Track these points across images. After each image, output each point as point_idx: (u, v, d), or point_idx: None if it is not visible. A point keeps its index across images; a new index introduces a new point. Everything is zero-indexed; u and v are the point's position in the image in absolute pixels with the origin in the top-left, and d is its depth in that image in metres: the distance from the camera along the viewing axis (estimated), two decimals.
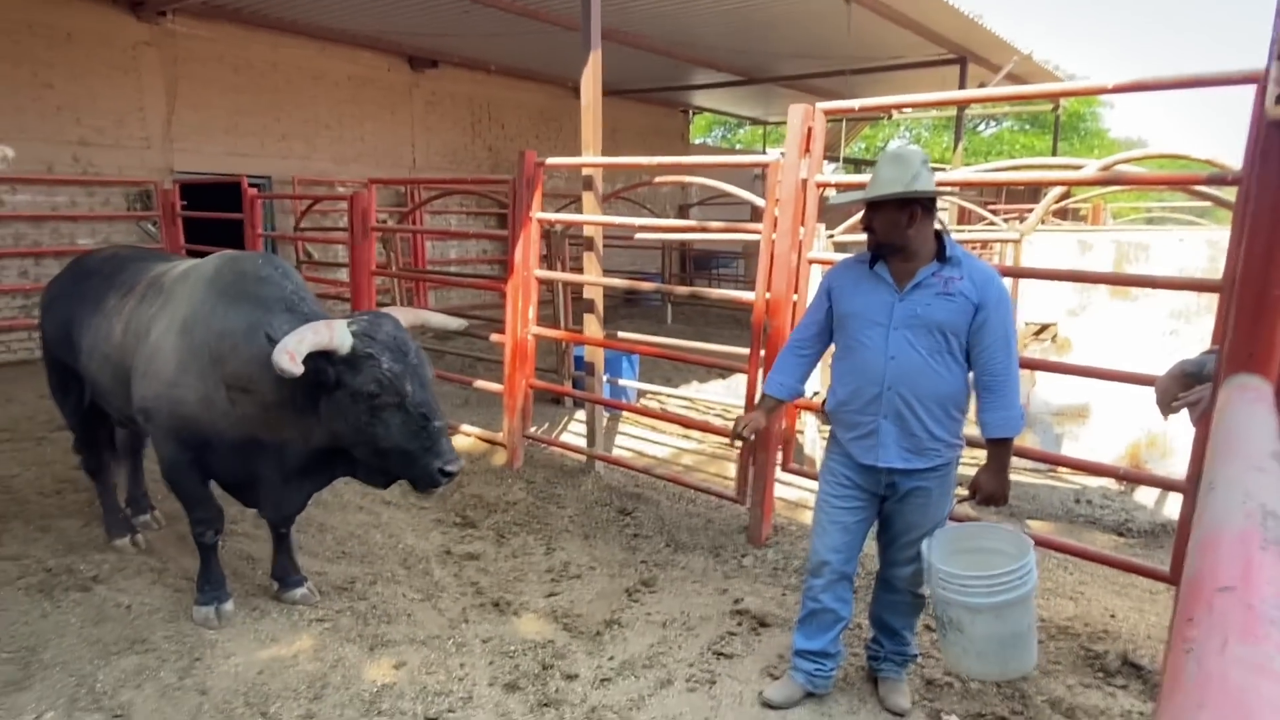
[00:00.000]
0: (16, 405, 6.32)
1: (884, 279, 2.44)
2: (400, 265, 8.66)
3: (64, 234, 8.16)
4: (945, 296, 2.35)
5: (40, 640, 2.99)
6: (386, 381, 2.58)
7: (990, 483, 2.44)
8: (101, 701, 2.65)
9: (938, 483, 2.48)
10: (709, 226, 4.16)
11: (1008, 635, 2.32)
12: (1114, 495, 4.64)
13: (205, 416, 2.89)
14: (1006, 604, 2.28)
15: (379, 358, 2.58)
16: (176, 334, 2.95)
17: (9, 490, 4.50)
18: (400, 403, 2.60)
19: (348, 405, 2.62)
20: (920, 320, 2.36)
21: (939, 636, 2.47)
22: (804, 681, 2.65)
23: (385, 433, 2.62)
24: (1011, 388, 2.37)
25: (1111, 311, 4.61)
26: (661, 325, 10.64)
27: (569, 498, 4.56)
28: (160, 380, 2.96)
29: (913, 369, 2.37)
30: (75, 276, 3.71)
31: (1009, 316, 2.39)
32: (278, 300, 2.88)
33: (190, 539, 3.44)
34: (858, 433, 2.50)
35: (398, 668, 2.88)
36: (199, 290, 3.00)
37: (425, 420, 2.63)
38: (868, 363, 2.43)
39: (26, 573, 3.51)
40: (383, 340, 2.63)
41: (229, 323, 2.85)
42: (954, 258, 2.38)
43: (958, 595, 2.30)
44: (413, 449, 2.63)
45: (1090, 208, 10.52)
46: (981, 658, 2.35)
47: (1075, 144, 25.57)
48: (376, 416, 2.61)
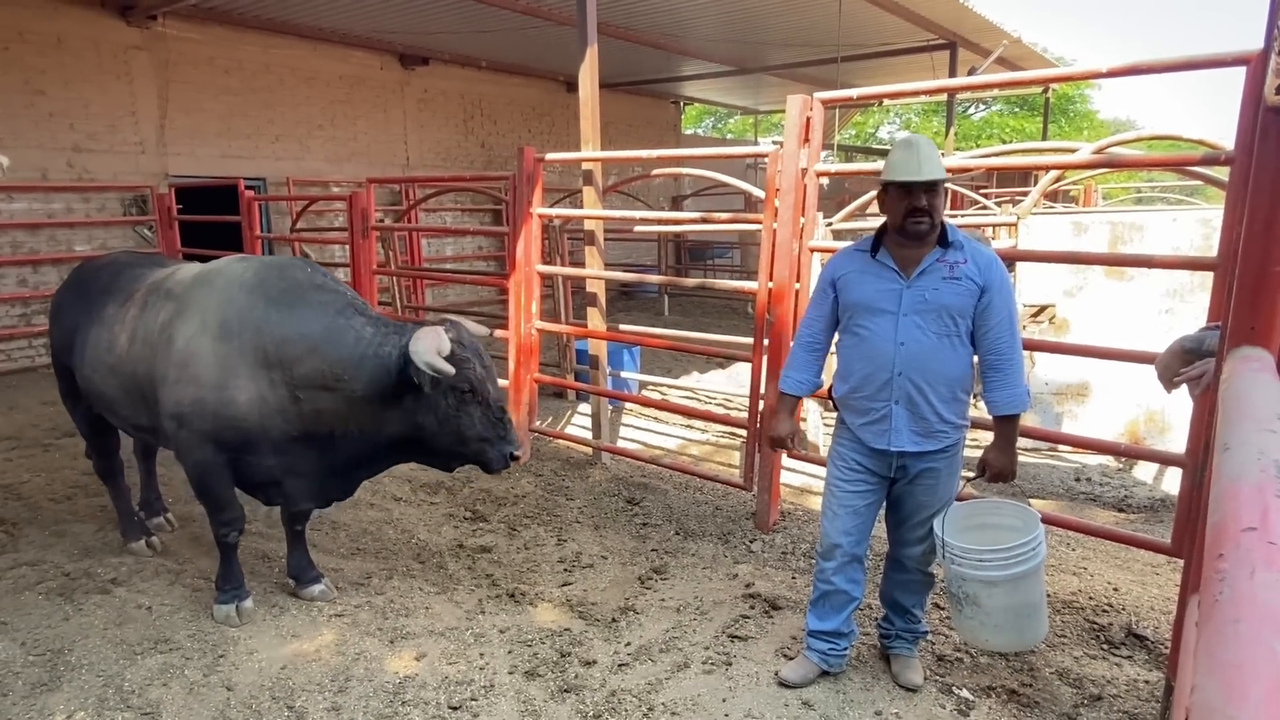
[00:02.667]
0: (20, 413, 6.34)
1: (889, 266, 2.47)
2: (398, 264, 8.67)
3: (61, 241, 8.16)
4: (952, 281, 2.40)
5: (65, 642, 3.03)
6: (478, 381, 2.94)
7: (999, 460, 2.49)
8: (130, 700, 2.70)
9: (946, 463, 2.54)
10: (712, 218, 4.21)
11: (1023, 606, 2.37)
12: (1113, 472, 4.72)
13: (254, 416, 2.98)
14: (1022, 575, 2.33)
15: (472, 361, 2.94)
16: (214, 339, 2.99)
17: (20, 497, 4.53)
18: (485, 399, 2.96)
19: (439, 400, 2.92)
20: (929, 305, 2.41)
21: (953, 613, 2.52)
22: (818, 661, 2.71)
23: (469, 424, 2.97)
24: (1016, 366, 2.42)
25: (1107, 291, 4.68)
26: (659, 317, 10.69)
27: (577, 489, 4.62)
28: (201, 384, 2.99)
29: (923, 354, 2.42)
30: (77, 285, 3.72)
31: (1011, 297, 2.45)
32: (347, 305, 3.10)
33: (203, 539, 3.50)
34: (869, 418, 2.54)
35: (419, 659, 2.93)
36: (238, 296, 3.05)
37: (502, 413, 3.03)
38: (878, 350, 2.47)
39: (45, 577, 3.55)
40: (469, 346, 2.98)
41: (297, 328, 2.98)
42: (956, 242, 2.43)
43: (974, 570, 2.34)
44: (490, 436, 3.00)
45: (1081, 189, 10.59)
46: (999, 630, 2.40)
47: (1064, 126, 25.63)
48: (464, 410, 2.95)
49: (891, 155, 2.48)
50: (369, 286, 5.93)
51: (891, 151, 2.49)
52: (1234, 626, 0.41)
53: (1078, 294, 4.76)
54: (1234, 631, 0.40)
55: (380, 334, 3.00)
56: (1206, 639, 0.43)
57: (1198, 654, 0.44)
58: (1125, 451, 3.81)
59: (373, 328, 3.04)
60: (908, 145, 2.42)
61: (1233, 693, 0.37)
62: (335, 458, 3.11)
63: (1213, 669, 0.40)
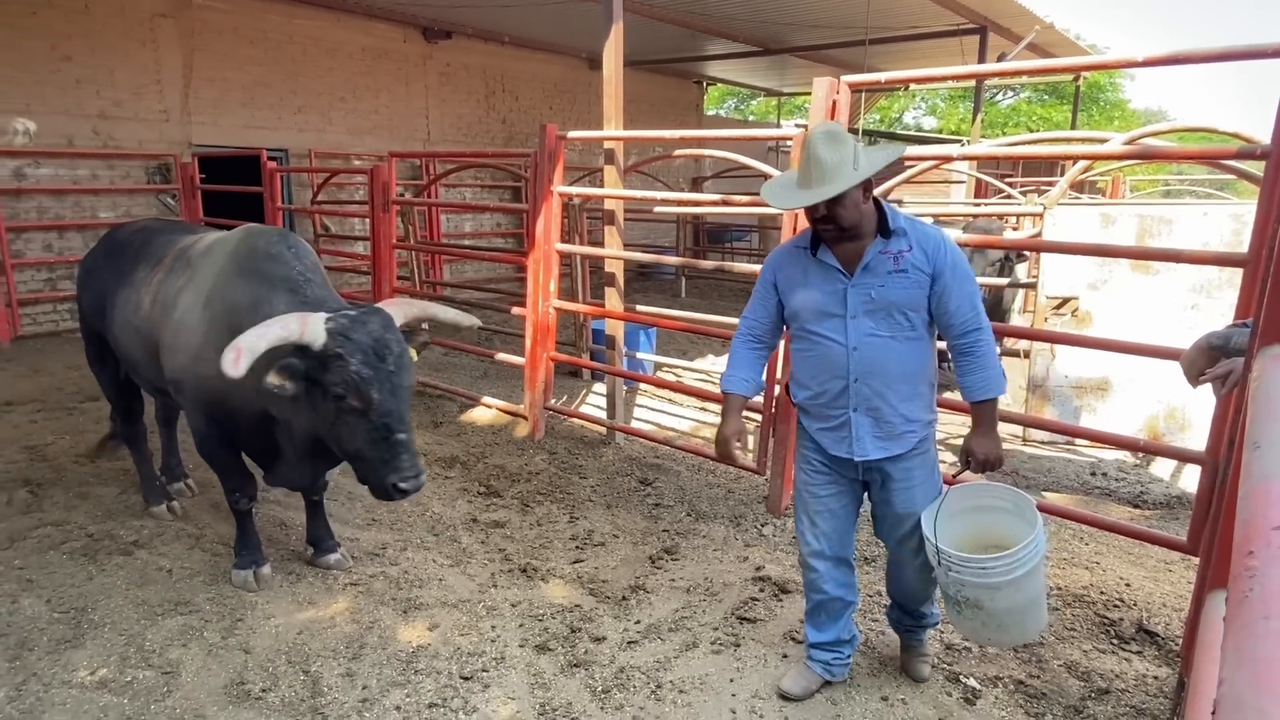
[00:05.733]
0: (45, 376, 6.44)
1: (830, 265, 2.28)
2: (418, 239, 8.70)
3: (85, 207, 8.24)
4: (898, 274, 2.22)
5: (89, 601, 3.11)
6: (352, 384, 2.51)
7: (982, 446, 2.31)
8: (151, 660, 2.77)
9: (920, 462, 2.38)
10: (732, 200, 4.19)
11: (1026, 603, 2.28)
12: (1130, 468, 4.69)
13: (225, 389, 2.87)
14: (1024, 575, 2.21)
15: (349, 359, 2.51)
16: (200, 308, 3.00)
17: (45, 458, 4.62)
18: (365, 409, 2.54)
19: (318, 400, 2.59)
20: (876, 304, 2.24)
21: (951, 613, 2.41)
22: (821, 671, 2.61)
23: (348, 436, 2.59)
24: (986, 347, 2.25)
25: (1133, 285, 4.62)
26: (676, 299, 10.67)
27: (590, 468, 4.64)
28: (187, 353, 3.01)
29: (878, 357, 2.27)
30: (107, 250, 3.78)
31: (968, 276, 2.26)
32: (283, 280, 2.90)
33: (222, 505, 3.55)
34: (828, 425, 2.40)
35: (431, 629, 2.98)
36: (220, 264, 3.05)
37: (388, 431, 2.56)
38: (829, 357, 2.32)
39: (69, 538, 3.63)
40: (359, 341, 2.54)
41: (239, 297, 2.90)
42: (898, 229, 2.24)
43: (976, 578, 2.22)
44: (371, 458, 2.59)
45: (1109, 181, 10.42)
46: (1002, 629, 2.31)
47: (1095, 115, 25.18)
48: (341, 418, 2.58)
49: (783, 174, 2.34)
50: (388, 261, 5.95)
51: (791, 170, 2.33)
52: (1264, 623, 0.41)
53: (1102, 287, 4.70)
54: (1264, 628, 0.41)
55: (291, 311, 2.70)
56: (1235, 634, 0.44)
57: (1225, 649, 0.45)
58: (1143, 447, 3.78)
59: (286, 306, 2.77)
60: (806, 155, 2.19)
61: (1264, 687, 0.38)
62: (292, 443, 2.94)
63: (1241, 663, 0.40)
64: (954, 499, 2.37)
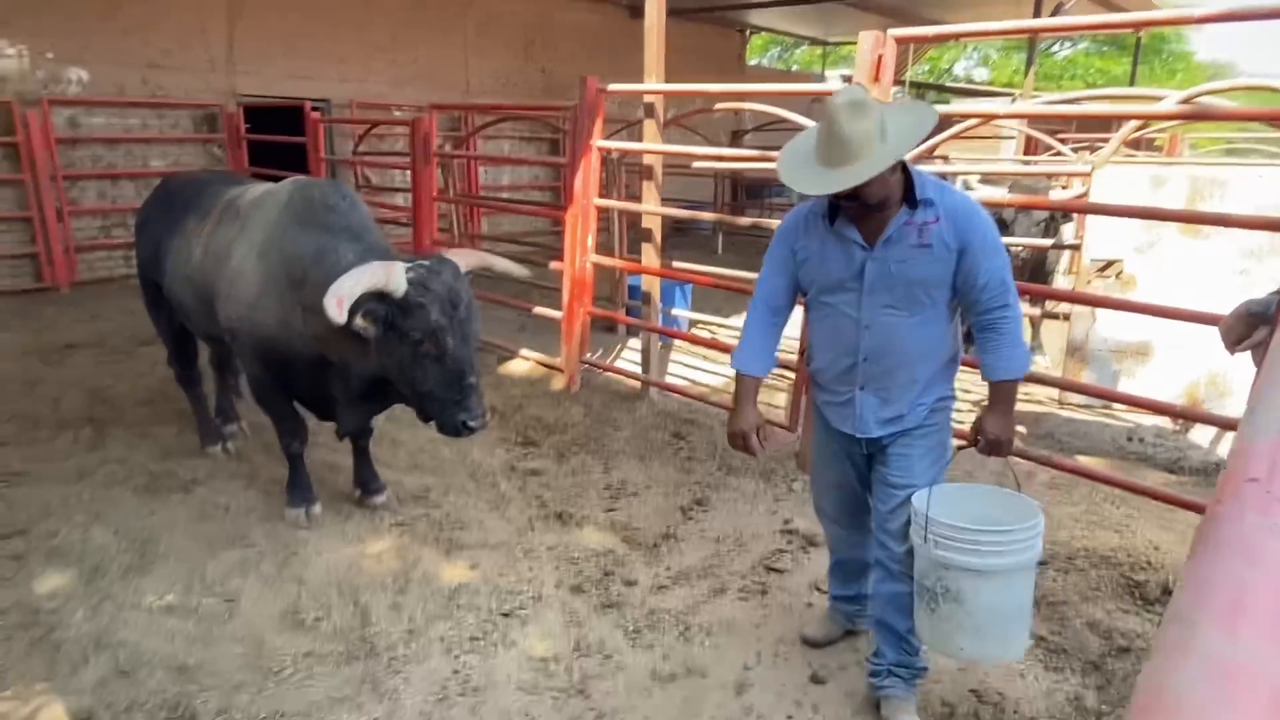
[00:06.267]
0: (103, 321, 6.70)
1: (849, 238, 2.11)
2: (457, 191, 8.76)
3: (137, 156, 8.44)
4: (921, 248, 2.04)
5: (153, 534, 3.31)
6: (430, 332, 2.68)
7: (995, 427, 2.16)
8: (213, 588, 2.96)
9: (923, 436, 2.22)
10: (772, 156, 4.15)
11: (1013, 608, 2.04)
12: (1168, 434, 4.64)
13: (283, 337, 3.08)
14: (1018, 567, 2.01)
15: (429, 308, 2.67)
16: (256, 258, 3.12)
17: (106, 400, 4.86)
18: (440, 355, 2.71)
19: (395, 344, 2.74)
20: (895, 280, 2.08)
21: (920, 613, 2.14)
22: (844, 621, 2.64)
23: (423, 378, 2.76)
24: (1014, 326, 2.10)
25: (1181, 249, 4.51)
26: (712, 255, 10.63)
27: (624, 421, 4.74)
28: (242, 303, 3.15)
29: (891, 336, 2.12)
30: (161, 200, 3.92)
31: (997, 250, 2.08)
32: (344, 229, 3.03)
33: (274, 447, 3.73)
34: (834, 400, 2.30)
35: (472, 569, 3.13)
36: (274, 215, 3.16)
37: (460, 376, 2.74)
38: (840, 332, 2.19)
39: (133, 474, 3.85)
40: (436, 290, 2.71)
41: (300, 248, 3.01)
42: (926, 199, 2.04)
43: (960, 555, 1.98)
44: (444, 398, 2.77)
45: (1167, 138, 10.03)
46: (979, 634, 2.02)
47: (1156, 68, 24.06)
48: (417, 362, 2.73)
49: (805, 136, 2.09)
50: (429, 214, 6.04)
51: (812, 128, 2.05)
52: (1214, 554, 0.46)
53: (1148, 250, 4.60)
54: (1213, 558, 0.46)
55: (361, 260, 2.81)
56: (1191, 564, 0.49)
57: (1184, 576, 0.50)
58: (1180, 413, 3.75)
59: (355, 255, 2.89)
60: (826, 128, 1.94)
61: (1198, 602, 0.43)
62: (347, 386, 3.08)
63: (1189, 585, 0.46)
64: (955, 498, 2.15)
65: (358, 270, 2.67)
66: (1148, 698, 0.45)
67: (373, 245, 3.01)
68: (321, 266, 2.87)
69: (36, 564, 3.08)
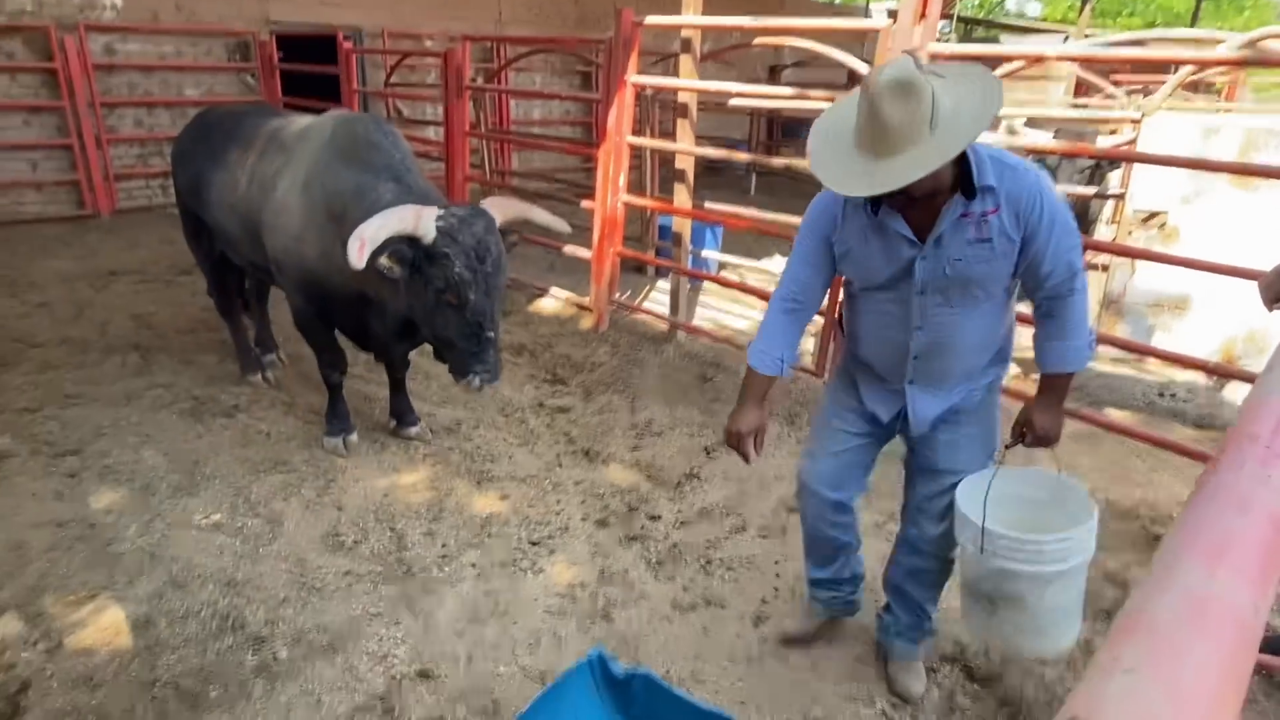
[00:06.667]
0: (143, 249, 6.84)
1: (896, 231, 1.85)
2: (488, 125, 8.69)
3: (172, 84, 8.45)
4: (980, 244, 1.79)
5: (200, 457, 3.47)
6: (453, 283, 2.69)
7: (1045, 421, 1.99)
8: (257, 509, 3.11)
9: (976, 415, 2.06)
10: (811, 94, 4.07)
11: (1073, 601, 1.95)
12: (1200, 390, 4.59)
13: (324, 271, 3.13)
14: (1079, 565, 1.90)
15: (454, 259, 2.67)
16: (300, 191, 3.17)
17: (151, 326, 5.01)
18: (461, 306, 2.73)
19: (420, 288, 2.76)
20: (951, 280, 1.85)
21: (974, 616, 2.06)
22: (823, 611, 2.43)
23: (443, 325, 2.80)
24: (1079, 313, 1.88)
25: (1228, 201, 4.38)
26: (745, 196, 10.47)
27: (651, 362, 4.80)
28: (287, 235, 3.21)
29: (946, 333, 1.92)
30: (201, 131, 3.95)
31: (1067, 231, 1.82)
32: (385, 168, 3.03)
33: (312, 378, 3.85)
34: (879, 388, 2.11)
35: (502, 499, 3.25)
36: (317, 149, 3.19)
37: (478, 329, 2.76)
38: (888, 329, 1.99)
39: (178, 399, 4.00)
40: (464, 242, 2.69)
41: (341, 183, 3.04)
42: (984, 186, 1.76)
43: (1027, 565, 1.86)
44: (460, 349, 2.81)
45: (1227, 82, 9.59)
46: (1041, 634, 1.96)
47: (1223, 4, 22.78)
48: (439, 309, 2.76)
49: (840, 113, 1.77)
50: (461, 148, 6.02)
51: (849, 101, 1.74)
52: (1209, 501, 0.50)
53: (1195, 200, 4.47)
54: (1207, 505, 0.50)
55: (398, 201, 2.82)
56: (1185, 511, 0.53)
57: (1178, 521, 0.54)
58: (1213, 369, 3.70)
59: (393, 195, 2.90)
60: (867, 109, 1.64)
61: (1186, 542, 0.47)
62: (383, 322, 3.15)
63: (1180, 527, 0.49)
64: (1000, 482, 2.00)
65: (385, 214, 2.67)
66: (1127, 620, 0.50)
67: (412, 186, 3.01)
68: (361, 204, 2.89)
69: (91, 482, 3.26)
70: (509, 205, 3.01)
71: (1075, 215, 5.74)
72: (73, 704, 2.18)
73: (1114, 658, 0.49)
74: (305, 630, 2.49)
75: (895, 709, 2.28)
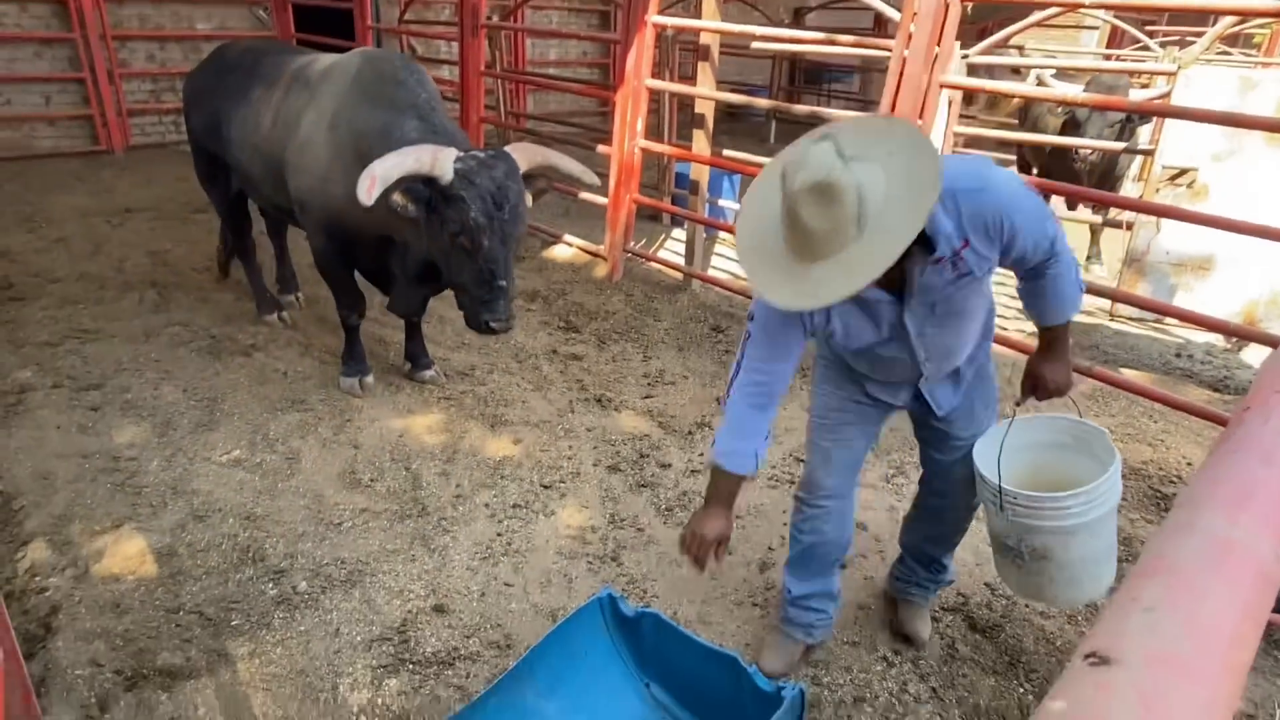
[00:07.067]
0: (157, 186, 6.83)
1: (871, 298, 1.73)
2: (504, 65, 8.52)
3: (183, 17, 8.30)
4: (960, 279, 1.69)
5: (219, 394, 3.52)
6: (467, 228, 2.65)
7: (1054, 373, 1.94)
8: (275, 446, 3.17)
9: (978, 385, 2.03)
10: (837, 39, 3.96)
11: (1103, 550, 1.91)
12: (1218, 352, 4.56)
13: (349, 211, 3.06)
14: (1104, 515, 1.85)
15: (469, 203, 2.62)
16: (325, 130, 3.12)
17: (167, 264, 5.03)
18: (474, 251, 2.69)
19: (435, 229, 2.73)
20: (943, 317, 1.78)
21: (1005, 568, 2.03)
22: (803, 636, 2.27)
23: (457, 268, 2.78)
24: (1063, 271, 1.78)
25: (1262, 159, 4.27)
26: (764, 144, 10.29)
27: (665, 312, 4.79)
28: (312, 175, 3.17)
29: (948, 345, 1.87)
30: (218, 70, 3.87)
31: (1038, 215, 1.68)
32: (410, 106, 2.98)
33: (328, 319, 3.87)
34: (889, 387, 2.02)
35: (515, 443, 3.29)
36: (343, 87, 3.14)
37: (491, 276, 2.73)
38: (893, 366, 1.92)
39: (196, 337, 4.05)
40: (481, 185, 2.63)
41: (367, 122, 2.99)
42: (940, 233, 1.61)
43: (1049, 521, 1.83)
44: (472, 294, 2.78)
45: (1268, 34, 9.24)
46: (1073, 584, 1.92)
47: None
48: (453, 252, 2.73)
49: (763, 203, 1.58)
50: (476, 89, 5.92)
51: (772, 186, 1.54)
52: (1232, 455, 0.50)
53: (1227, 159, 4.35)
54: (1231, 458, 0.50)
55: (422, 141, 2.79)
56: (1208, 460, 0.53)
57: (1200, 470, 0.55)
58: (1232, 330, 3.67)
59: (418, 134, 2.86)
60: (790, 220, 1.48)
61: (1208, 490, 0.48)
62: (404, 266, 3.13)
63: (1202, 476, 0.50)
64: (1015, 431, 1.97)
65: (401, 152, 2.63)
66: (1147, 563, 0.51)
67: (437, 126, 2.95)
68: (386, 143, 2.82)
69: (113, 416, 3.32)
70: (534, 151, 2.92)
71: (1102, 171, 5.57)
72: (102, 627, 2.26)
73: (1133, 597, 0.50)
74: (323, 564, 2.56)
75: (897, 655, 2.33)
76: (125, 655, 2.18)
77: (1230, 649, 0.47)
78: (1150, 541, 0.55)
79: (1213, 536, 0.49)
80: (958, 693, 2.21)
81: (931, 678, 2.26)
